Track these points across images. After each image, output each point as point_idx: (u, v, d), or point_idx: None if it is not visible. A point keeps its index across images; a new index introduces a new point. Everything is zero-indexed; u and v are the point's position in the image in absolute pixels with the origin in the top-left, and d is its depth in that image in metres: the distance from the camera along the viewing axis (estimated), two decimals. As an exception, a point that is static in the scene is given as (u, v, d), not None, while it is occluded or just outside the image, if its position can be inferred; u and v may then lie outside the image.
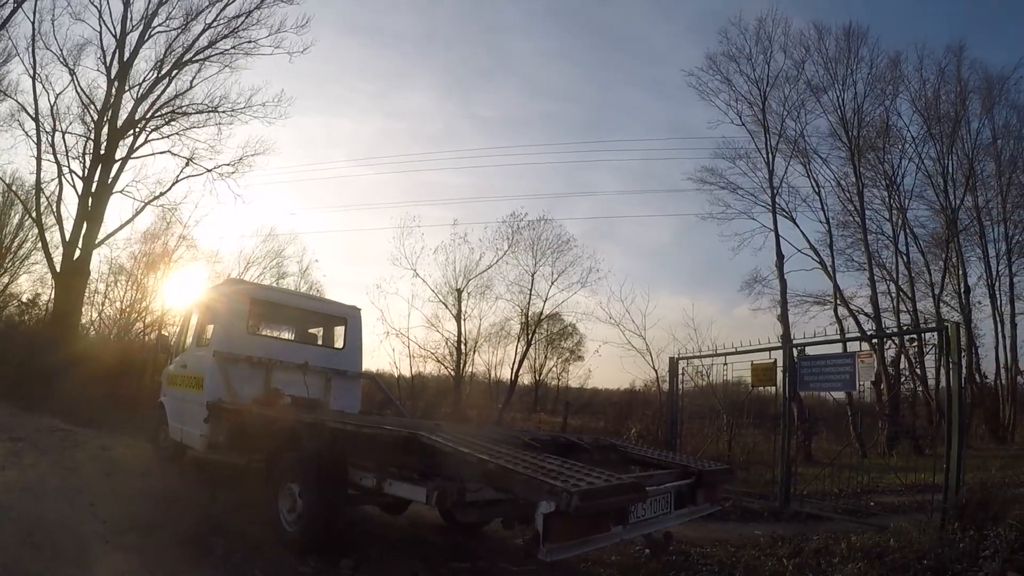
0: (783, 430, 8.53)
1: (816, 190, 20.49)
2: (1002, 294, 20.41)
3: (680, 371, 9.66)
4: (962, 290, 19.59)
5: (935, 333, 8.06)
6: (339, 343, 8.68)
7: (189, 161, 20.18)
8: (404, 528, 6.05)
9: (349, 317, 8.71)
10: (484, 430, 6.61)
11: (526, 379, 24.06)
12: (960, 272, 19.72)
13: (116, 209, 28.34)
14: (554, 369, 25.79)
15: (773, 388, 9.02)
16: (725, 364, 8.98)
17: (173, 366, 8.75)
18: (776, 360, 8.45)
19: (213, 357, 7.15)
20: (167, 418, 8.44)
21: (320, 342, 8.77)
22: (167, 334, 12.28)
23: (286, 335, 8.87)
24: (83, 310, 19.43)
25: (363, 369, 9.15)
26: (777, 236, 20.19)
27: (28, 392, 15.20)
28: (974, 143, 20.08)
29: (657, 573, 5.04)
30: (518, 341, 22.63)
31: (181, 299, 21.32)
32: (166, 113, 19.85)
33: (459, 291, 21.55)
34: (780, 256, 20.07)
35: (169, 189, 20.38)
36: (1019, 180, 20.30)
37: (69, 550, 4.31)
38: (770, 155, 20.45)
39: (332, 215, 51.39)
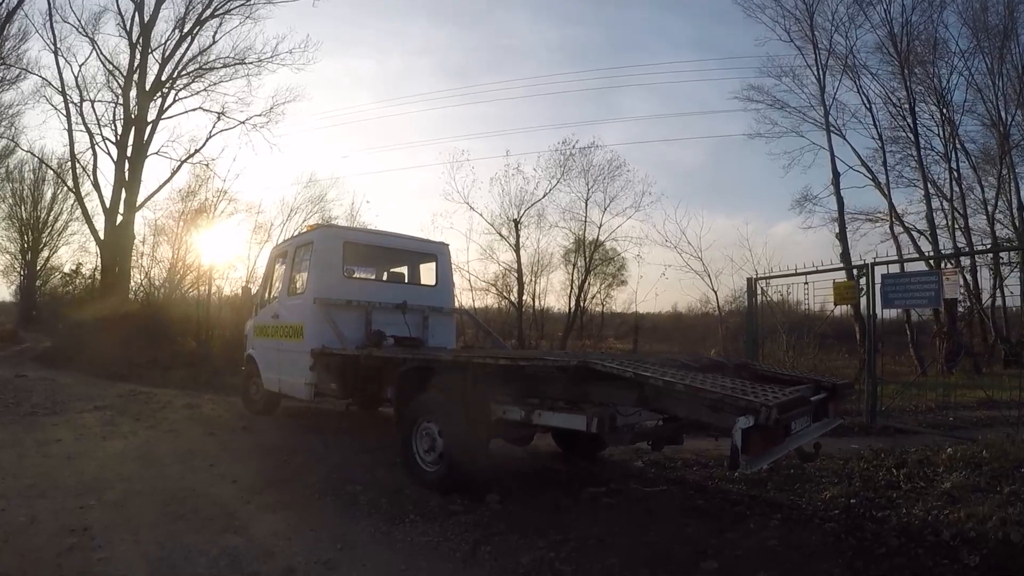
0: (868, 348, 8.59)
1: (867, 106, 19.94)
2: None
3: (759, 291, 9.57)
4: (1015, 207, 19.12)
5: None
6: (431, 280, 8.59)
7: (221, 115, 20.14)
8: (526, 459, 6.15)
9: (439, 253, 8.61)
10: (635, 356, 6.63)
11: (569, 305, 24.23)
12: (1014, 188, 19.21)
13: (154, 172, 28.65)
14: (598, 295, 25.63)
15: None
16: (806, 283, 8.85)
17: (260, 317, 8.72)
18: (861, 278, 8.34)
19: (314, 304, 7.15)
20: (259, 370, 8.50)
21: (412, 280, 8.68)
22: (250, 286, 12.31)
23: (380, 276, 8.78)
24: (131, 273, 19.57)
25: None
26: (832, 153, 19.82)
27: (91, 359, 15.56)
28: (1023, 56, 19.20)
29: (782, 486, 5.24)
30: (574, 268, 22.90)
31: (231, 252, 21.59)
32: (193, 71, 19.65)
33: (516, 221, 21.63)
34: (836, 173, 19.73)
35: (204, 145, 20.41)
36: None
37: (215, 516, 4.23)
38: (821, 71, 19.86)
39: (377, 155, 50.93)
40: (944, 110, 19.24)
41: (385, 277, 8.70)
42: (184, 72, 19.55)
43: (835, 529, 4.16)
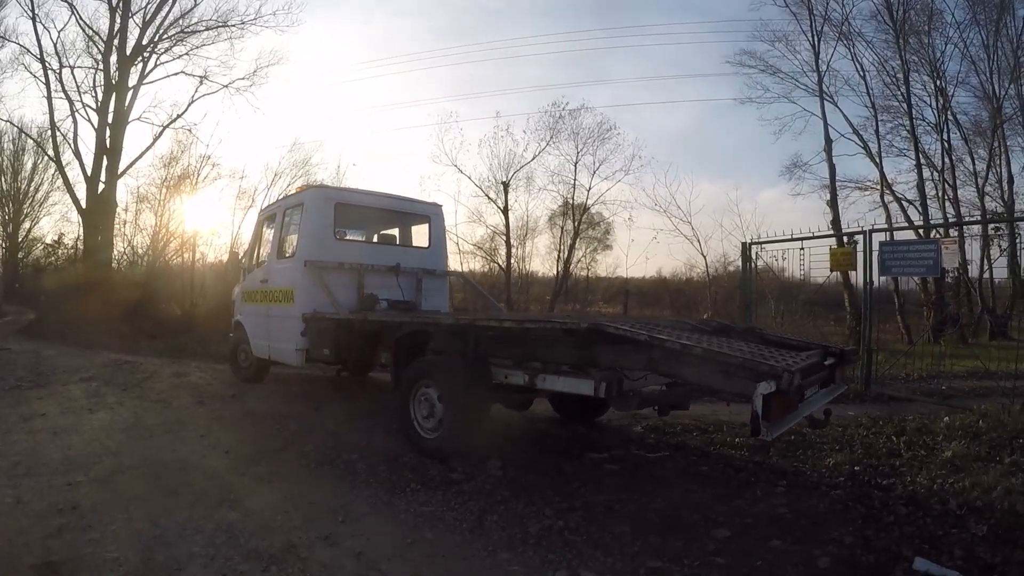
0: (864, 315, 8.58)
1: (861, 74, 19.74)
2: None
3: (754, 256, 9.41)
4: (1005, 180, 19.21)
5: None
6: (424, 242, 8.38)
7: (203, 79, 19.59)
8: (523, 424, 6.05)
9: (432, 214, 8.37)
10: (644, 320, 6.51)
11: (555, 269, 24.13)
12: (1004, 162, 19.25)
13: (136, 138, 28.15)
14: (583, 259, 25.50)
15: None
16: (801, 249, 8.75)
17: (248, 282, 8.47)
18: (857, 245, 8.27)
19: (305, 267, 6.89)
20: (247, 336, 8.28)
21: (404, 242, 8.44)
22: (237, 251, 12.02)
23: (370, 238, 8.52)
24: (113, 242, 19.18)
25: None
26: (825, 120, 19.64)
27: (75, 330, 15.21)
28: (1019, 32, 18.90)
29: (785, 452, 5.24)
30: (562, 231, 22.95)
31: (214, 218, 21.28)
32: (175, 35, 19.04)
33: (505, 184, 21.53)
34: (828, 140, 19.54)
35: (186, 110, 19.84)
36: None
37: (209, 490, 4.04)
38: (816, 38, 19.57)
39: (364, 118, 49.39)
40: (938, 81, 19.12)
41: (376, 239, 8.45)
42: (165, 36, 18.98)
43: (842, 496, 4.14)
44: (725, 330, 4.63)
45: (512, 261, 22.81)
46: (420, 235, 8.48)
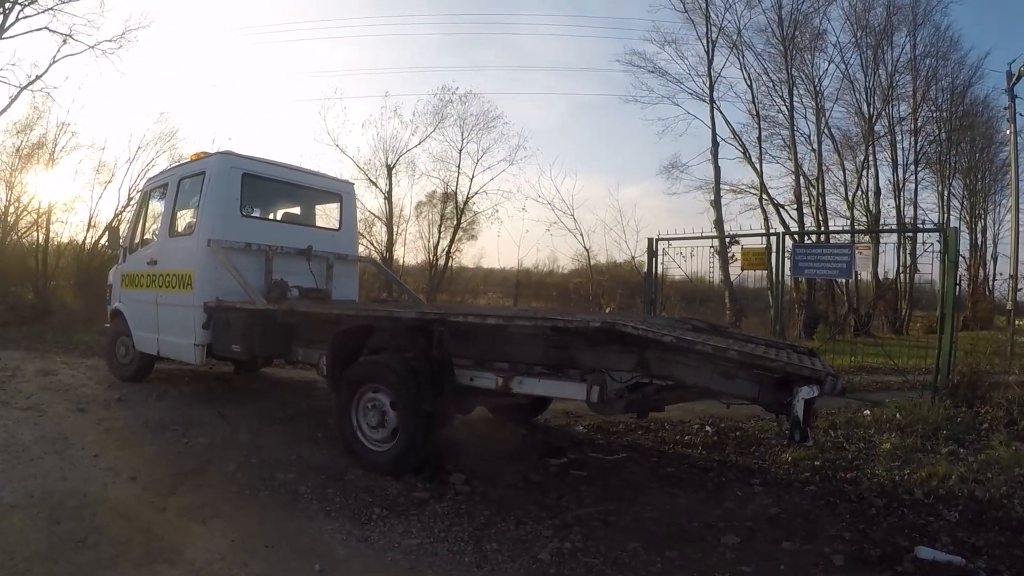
0: (776, 312, 8.86)
1: (748, 83, 20.92)
2: (904, 199, 22.19)
3: (660, 252, 9.26)
4: (871, 191, 21.11)
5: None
6: (333, 223, 7.56)
7: (67, 38, 17.36)
8: (463, 428, 5.41)
9: (344, 193, 7.58)
10: (639, 316, 6.08)
11: (419, 258, 23.52)
12: (873, 174, 21.15)
13: None
14: (449, 248, 24.78)
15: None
16: (712, 247, 8.91)
17: (131, 263, 7.29)
18: (770, 245, 8.52)
19: (208, 247, 5.98)
20: (129, 327, 7.11)
21: (308, 222, 7.51)
22: (116, 225, 10.47)
23: (266, 215, 7.46)
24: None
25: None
26: (714, 124, 20.60)
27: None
28: (896, 58, 21.06)
29: (739, 449, 5.25)
30: (442, 219, 22.48)
31: (71, 193, 19.08)
32: (41, -15, 16.49)
33: (390, 168, 20.77)
34: (716, 144, 20.57)
35: (47, 70, 17.53)
36: (932, 98, 21.87)
37: (129, 537, 3.08)
38: (710, 45, 20.44)
39: (244, 90, 45.02)
40: (818, 98, 20.66)
41: (278, 217, 7.50)
42: (31, -14, 16.50)
43: (820, 492, 4.15)
44: (707, 329, 4.44)
45: (383, 248, 21.97)
46: (326, 215, 7.71)
